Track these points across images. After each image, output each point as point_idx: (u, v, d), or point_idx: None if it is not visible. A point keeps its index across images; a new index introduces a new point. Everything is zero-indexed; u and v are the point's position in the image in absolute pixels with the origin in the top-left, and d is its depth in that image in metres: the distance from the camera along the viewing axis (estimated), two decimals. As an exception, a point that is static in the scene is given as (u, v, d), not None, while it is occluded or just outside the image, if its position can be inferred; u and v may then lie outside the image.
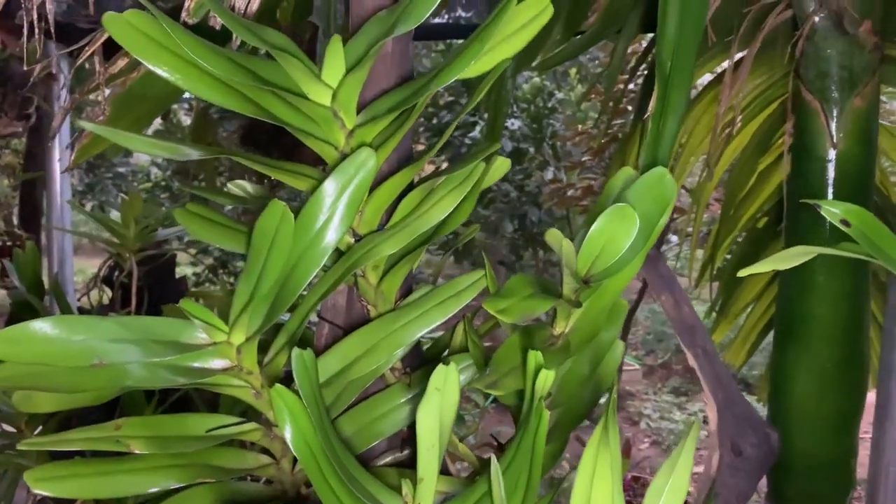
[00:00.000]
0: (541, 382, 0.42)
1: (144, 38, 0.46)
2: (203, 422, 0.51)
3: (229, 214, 0.64)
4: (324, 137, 0.48)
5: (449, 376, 0.41)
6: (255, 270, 0.46)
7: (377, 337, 0.53)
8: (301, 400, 0.42)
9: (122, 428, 0.48)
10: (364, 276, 0.54)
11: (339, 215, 0.46)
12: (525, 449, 0.42)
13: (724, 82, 1.14)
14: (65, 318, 0.45)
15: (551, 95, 3.99)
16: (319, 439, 0.43)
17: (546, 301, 0.52)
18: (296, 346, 0.44)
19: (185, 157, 0.47)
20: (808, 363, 1.02)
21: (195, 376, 0.48)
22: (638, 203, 0.58)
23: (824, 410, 1.02)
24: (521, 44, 0.48)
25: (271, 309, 0.47)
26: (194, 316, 0.47)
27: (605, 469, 0.42)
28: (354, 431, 0.55)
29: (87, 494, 0.46)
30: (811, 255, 0.56)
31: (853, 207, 0.49)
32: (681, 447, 0.45)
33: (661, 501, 0.44)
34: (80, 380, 0.46)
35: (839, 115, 0.96)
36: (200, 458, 0.51)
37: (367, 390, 0.57)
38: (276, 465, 0.54)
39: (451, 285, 0.54)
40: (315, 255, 0.46)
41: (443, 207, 0.49)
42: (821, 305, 1.01)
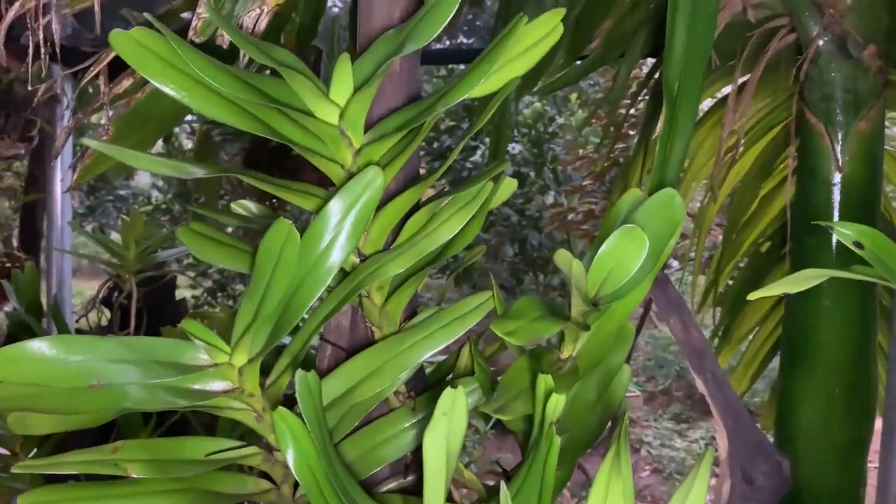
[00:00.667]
0: (551, 407, 0.41)
1: (151, 55, 0.45)
2: (202, 445, 0.49)
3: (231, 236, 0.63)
4: (331, 156, 0.48)
5: (457, 400, 0.40)
6: (259, 290, 0.45)
7: (382, 359, 0.52)
8: (304, 423, 0.41)
9: (120, 451, 0.46)
10: (369, 297, 0.53)
11: (345, 235, 0.45)
12: (535, 476, 0.41)
13: (728, 106, 1.14)
14: (63, 338, 0.44)
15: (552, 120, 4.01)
16: (323, 464, 0.42)
17: (555, 323, 0.51)
18: (299, 368, 0.43)
19: (189, 174, 0.46)
20: (815, 389, 1.01)
21: (196, 398, 0.47)
22: (647, 224, 0.57)
23: (832, 437, 1.01)
24: (530, 63, 0.48)
25: (274, 330, 0.46)
26: (196, 336, 0.46)
27: (617, 498, 0.40)
28: (357, 456, 0.54)
29: (82, 520, 0.45)
30: (823, 277, 0.56)
31: (866, 229, 0.49)
32: (694, 474, 0.44)
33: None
34: (77, 401, 0.45)
35: (844, 138, 0.96)
36: (199, 483, 0.49)
37: (371, 414, 0.56)
38: (277, 490, 0.53)
39: (456, 307, 0.53)
40: (320, 275, 0.45)
41: (450, 227, 0.48)
42: (828, 331, 1.00)
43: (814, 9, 0.96)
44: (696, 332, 0.61)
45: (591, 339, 0.61)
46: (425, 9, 0.45)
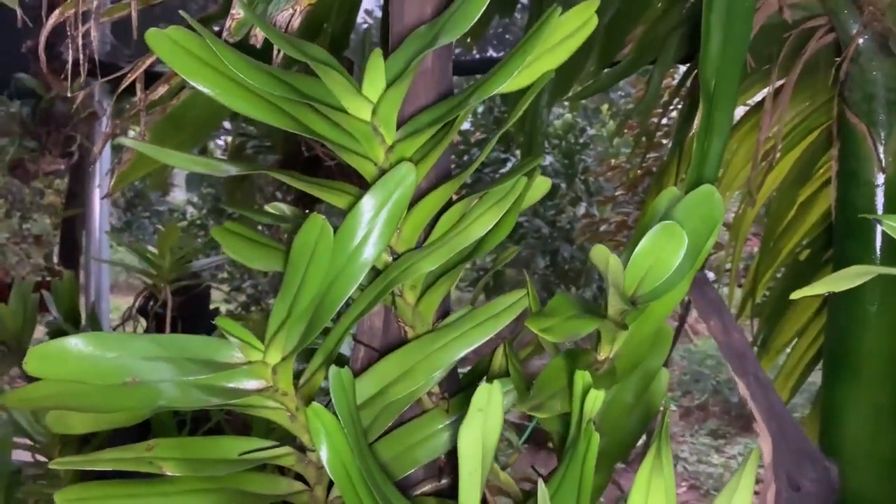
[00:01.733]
0: (590, 403, 0.40)
1: (187, 54, 0.45)
2: (236, 445, 0.49)
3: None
4: (363, 153, 0.47)
5: (493, 396, 0.39)
6: (293, 287, 0.45)
7: (415, 359, 0.51)
8: (338, 420, 0.41)
9: (154, 449, 0.46)
10: (402, 296, 0.52)
11: (378, 231, 0.45)
12: (573, 475, 0.40)
13: (765, 109, 1.12)
14: (99, 335, 0.44)
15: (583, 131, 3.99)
16: (357, 461, 0.41)
17: (591, 321, 0.50)
18: (332, 365, 0.43)
19: (224, 172, 0.46)
20: (861, 399, 0.97)
21: (229, 396, 0.47)
22: (685, 221, 0.56)
23: (880, 449, 0.97)
24: (564, 55, 0.47)
25: (308, 327, 0.45)
26: (230, 333, 0.45)
27: (659, 496, 0.39)
28: (392, 458, 0.53)
29: (117, 517, 0.45)
30: (869, 275, 0.54)
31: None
32: (740, 473, 0.42)
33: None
34: (113, 399, 0.45)
35: (887, 139, 0.93)
36: (233, 483, 0.49)
37: (404, 415, 0.55)
38: (310, 492, 0.52)
39: (489, 307, 0.52)
40: (353, 272, 0.45)
41: (483, 223, 0.48)
42: (873, 337, 0.96)
43: (853, 7, 0.94)
44: (737, 334, 0.59)
45: (628, 340, 0.59)
46: (456, 4, 0.45)
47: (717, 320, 0.60)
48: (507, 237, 0.53)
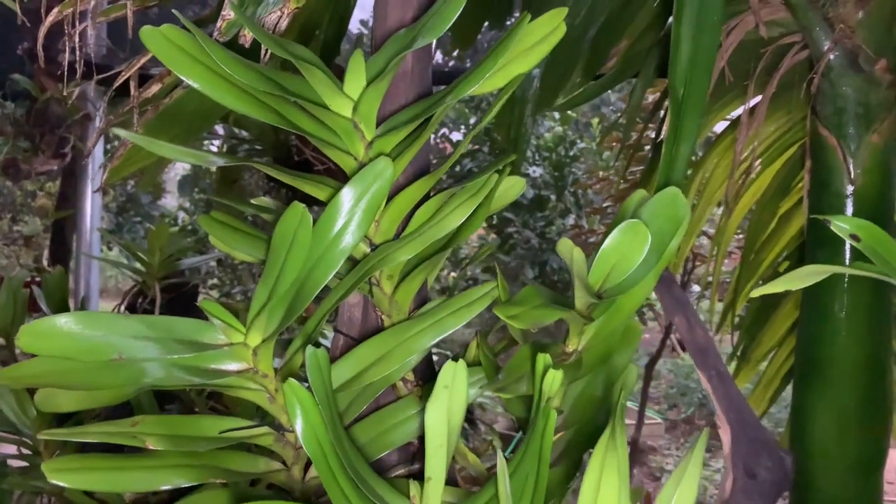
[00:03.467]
0: (548, 382, 0.42)
1: (178, 51, 0.48)
2: (217, 424, 0.51)
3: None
4: (344, 148, 0.50)
5: (458, 374, 0.42)
6: (274, 272, 0.47)
7: (390, 345, 0.53)
8: (313, 396, 0.43)
9: (139, 425, 0.49)
10: (379, 286, 0.55)
11: (357, 221, 0.48)
12: (533, 451, 0.43)
13: (741, 122, 1.16)
14: (89, 314, 0.47)
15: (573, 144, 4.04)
16: (331, 437, 0.43)
17: (557, 311, 0.52)
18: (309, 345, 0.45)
19: (210, 163, 0.49)
20: (829, 403, 1.00)
21: (211, 377, 0.49)
22: (651, 221, 0.59)
23: (847, 452, 1.00)
24: (535, 60, 0.50)
25: (288, 311, 0.48)
26: (213, 315, 0.48)
27: (612, 474, 0.42)
28: (367, 441, 0.56)
29: (100, 487, 0.47)
30: (824, 274, 0.57)
31: (863, 223, 0.50)
32: (689, 455, 0.45)
33: (671, 509, 0.44)
34: (99, 376, 0.47)
35: (856, 151, 0.97)
36: (212, 460, 0.51)
37: (380, 402, 0.58)
38: (287, 471, 0.54)
39: (463, 296, 0.55)
40: (332, 259, 0.48)
41: (456, 216, 0.50)
42: (841, 342, 1.00)
43: (825, 24, 0.98)
44: (701, 331, 0.62)
45: (597, 334, 0.62)
46: (435, 7, 0.48)
47: (682, 317, 0.62)
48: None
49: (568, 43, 1.37)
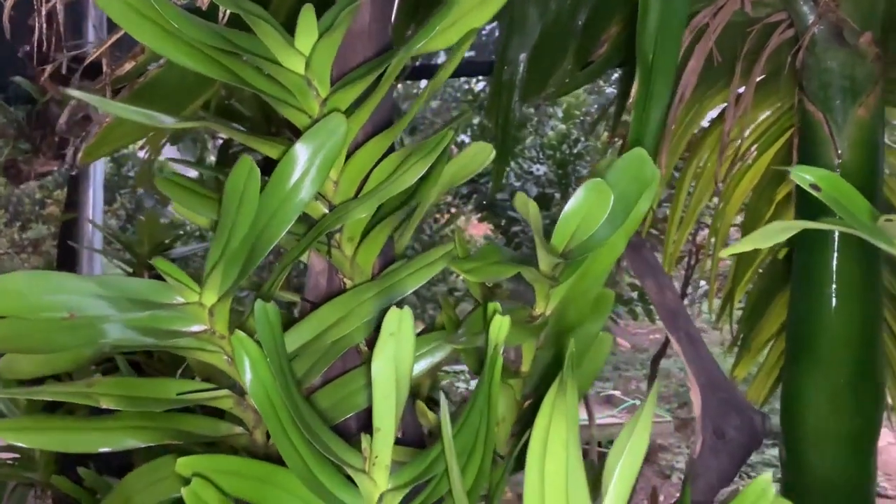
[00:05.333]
0: (495, 327, 0.42)
1: (135, 12, 0.48)
2: (174, 386, 0.51)
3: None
4: (298, 105, 0.50)
5: (403, 321, 0.42)
6: (226, 229, 0.47)
7: (350, 306, 0.53)
8: (262, 349, 0.43)
9: (94, 385, 0.49)
10: (339, 248, 0.54)
11: (311, 176, 0.47)
12: (481, 398, 0.42)
13: (729, 102, 1.15)
14: (42, 273, 0.47)
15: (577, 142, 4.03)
16: (280, 391, 0.43)
17: (516, 266, 0.52)
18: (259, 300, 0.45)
19: (160, 124, 0.49)
20: (820, 381, 0.99)
21: (169, 337, 0.49)
22: (616, 182, 0.58)
23: (838, 430, 0.99)
24: (487, 15, 0.50)
25: (243, 267, 0.48)
26: (167, 274, 0.48)
27: (560, 421, 0.41)
28: (330, 405, 0.55)
29: (54, 446, 0.47)
30: (793, 229, 0.56)
31: (824, 172, 0.49)
32: (641, 409, 0.44)
33: (621, 462, 0.43)
34: (56, 337, 0.47)
35: (842, 125, 0.96)
36: (171, 423, 0.51)
37: (347, 367, 0.57)
38: (249, 435, 0.54)
39: (423, 257, 0.54)
40: (287, 214, 0.47)
41: (413, 174, 0.50)
42: (831, 321, 0.98)
43: (808, -2, 0.97)
44: (671, 294, 0.61)
45: (566, 299, 0.62)
46: (385, -38, 0.48)
47: (653, 281, 0.62)
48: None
49: (557, 28, 1.37)
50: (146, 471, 0.51)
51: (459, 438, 0.43)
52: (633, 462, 0.44)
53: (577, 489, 0.41)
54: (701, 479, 0.53)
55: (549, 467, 0.41)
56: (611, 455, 0.44)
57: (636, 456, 0.44)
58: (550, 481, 0.41)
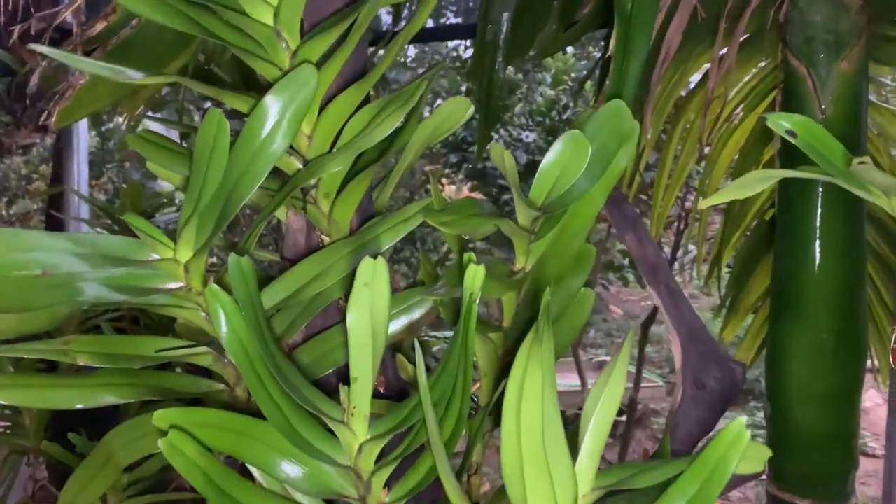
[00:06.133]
0: (470, 276, 0.42)
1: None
2: (153, 343, 0.51)
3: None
4: (268, 58, 0.49)
5: (377, 271, 0.41)
6: (198, 183, 0.47)
7: (328, 262, 0.53)
8: (236, 301, 0.43)
9: (71, 343, 0.48)
10: (316, 204, 0.54)
11: (283, 129, 0.47)
12: (459, 343, 0.42)
13: (713, 59, 1.14)
14: (14, 231, 0.46)
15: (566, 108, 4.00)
16: (256, 342, 0.43)
17: (493, 219, 0.52)
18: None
19: (127, 79, 0.48)
20: (804, 337, 1.00)
21: (145, 294, 0.49)
22: (595, 134, 0.58)
23: (822, 385, 1.00)
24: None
25: (217, 222, 0.47)
26: (139, 230, 0.47)
27: (536, 367, 0.41)
28: (311, 361, 0.55)
29: (33, 403, 0.47)
30: (771, 179, 0.56)
31: (800, 118, 0.49)
32: (616, 357, 0.44)
33: (597, 410, 0.44)
34: (31, 296, 0.47)
35: (826, 80, 0.95)
36: (151, 380, 0.51)
37: (326, 323, 0.57)
38: (231, 392, 0.54)
39: (401, 212, 0.54)
40: (259, 167, 0.47)
41: (386, 126, 0.49)
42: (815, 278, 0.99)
43: (792, -50, 0.96)
44: (651, 247, 0.61)
45: (546, 254, 0.61)
46: None
47: (633, 234, 0.62)
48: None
49: (541, -12, 1.35)
50: (127, 428, 0.51)
51: (437, 387, 0.43)
52: (608, 409, 0.44)
53: (554, 436, 0.42)
54: (680, 429, 0.54)
55: (526, 415, 0.41)
56: (587, 403, 0.45)
57: (611, 403, 0.44)
58: (527, 428, 0.41)
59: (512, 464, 0.41)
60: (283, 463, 0.45)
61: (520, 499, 0.42)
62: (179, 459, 0.41)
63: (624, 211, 0.62)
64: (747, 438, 0.41)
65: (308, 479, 0.44)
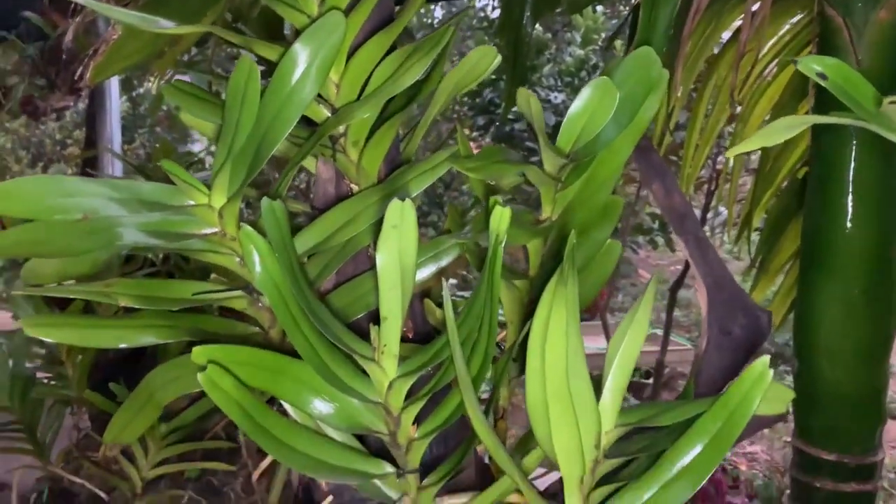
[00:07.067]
0: (496, 218, 0.42)
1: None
2: (190, 287, 0.53)
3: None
4: (296, 6, 0.50)
5: (405, 213, 0.42)
6: (230, 130, 0.48)
7: (357, 209, 0.54)
8: (269, 243, 0.44)
9: (113, 286, 0.50)
10: (344, 153, 0.55)
11: (312, 75, 0.48)
12: (483, 289, 0.43)
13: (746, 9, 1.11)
14: (55, 177, 0.48)
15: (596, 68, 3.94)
16: (289, 283, 0.44)
17: (519, 165, 0.52)
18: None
19: (158, 27, 0.49)
20: (834, 292, 0.99)
21: (180, 240, 0.50)
22: (623, 82, 0.58)
23: (851, 341, 0.99)
24: None
25: (249, 168, 0.48)
26: (175, 175, 0.49)
27: (560, 307, 0.42)
28: (342, 306, 0.57)
29: (76, 341, 0.49)
30: (802, 125, 0.55)
31: (832, 61, 0.48)
32: (639, 303, 0.45)
33: (621, 349, 0.45)
34: (72, 241, 0.48)
35: (863, 29, 0.93)
36: (189, 322, 0.53)
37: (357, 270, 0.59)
38: (265, 334, 0.56)
39: (428, 161, 0.55)
40: (289, 113, 0.48)
41: (414, 72, 0.50)
42: (847, 233, 0.98)
43: None
44: (679, 197, 0.61)
45: (572, 204, 0.62)
46: None
47: (660, 184, 0.62)
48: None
49: (570, -61, 1.32)
50: (166, 368, 0.53)
51: (464, 327, 0.44)
52: (631, 349, 0.45)
53: (578, 374, 0.43)
54: (704, 374, 0.54)
55: (550, 353, 0.42)
56: (611, 344, 0.46)
57: (635, 344, 0.45)
58: (551, 366, 0.42)
59: (537, 401, 0.42)
60: (315, 400, 0.46)
61: (545, 435, 0.43)
62: (217, 393, 0.43)
63: (651, 160, 0.62)
64: (770, 378, 0.42)
65: (340, 415, 0.46)
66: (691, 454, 0.42)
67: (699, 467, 0.42)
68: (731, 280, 0.59)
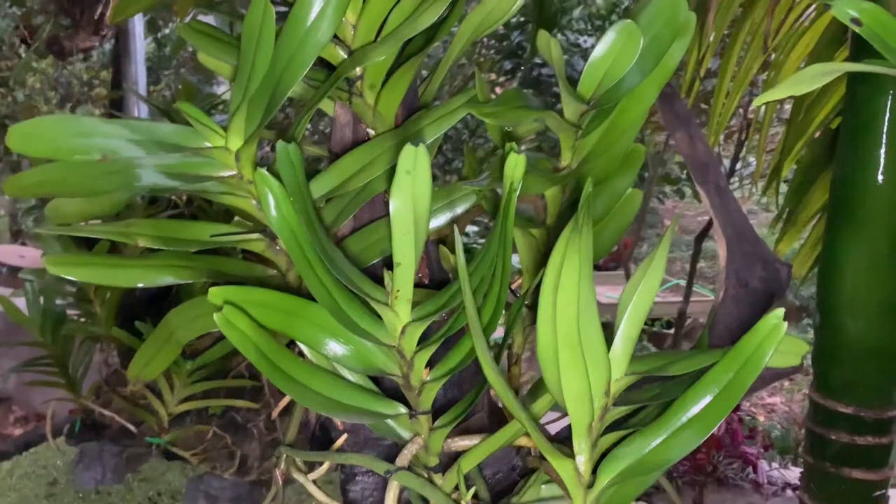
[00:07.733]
0: (511, 165, 0.42)
1: None
2: (207, 228, 0.53)
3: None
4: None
5: (419, 159, 0.42)
6: (245, 71, 0.48)
7: (374, 154, 0.54)
8: (284, 186, 0.44)
9: (133, 226, 0.51)
10: (361, 96, 0.54)
11: (328, 16, 0.47)
12: (497, 235, 0.43)
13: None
14: (74, 117, 0.48)
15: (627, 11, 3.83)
16: (304, 226, 0.45)
17: (538, 111, 0.51)
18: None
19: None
20: (860, 245, 0.97)
21: (198, 182, 0.51)
22: (648, 25, 0.56)
23: (876, 297, 0.98)
24: None
25: (265, 111, 0.48)
26: (192, 118, 0.49)
27: (574, 255, 0.42)
28: (358, 251, 0.57)
29: (99, 280, 0.50)
30: (834, 73, 0.53)
31: (867, 5, 0.46)
32: (657, 248, 0.45)
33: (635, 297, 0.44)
34: (93, 181, 0.49)
35: (906, -27, 0.88)
36: (208, 263, 0.54)
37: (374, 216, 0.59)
38: (283, 277, 0.57)
39: (445, 105, 0.54)
40: (305, 55, 0.47)
41: (432, 13, 0.49)
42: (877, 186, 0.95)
43: None
44: (702, 146, 0.60)
45: (593, 152, 0.61)
46: None
47: (684, 132, 0.60)
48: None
49: None
50: (185, 308, 0.55)
51: (476, 273, 0.44)
52: (645, 297, 0.45)
53: (589, 321, 0.43)
54: (720, 325, 0.54)
55: (561, 299, 0.42)
56: (625, 291, 0.45)
57: (649, 291, 0.45)
58: (562, 312, 0.42)
59: (547, 347, 0.43)
60: (330, 342, 0.47)
61: (554, 381, 0.44)
62: (234, 333, 0.43)
63: (676, 108, 0.61)
64: (784, 330, 0.42)
65: (354, 357, 0.47)
66: (701, 404, 0.42)
67: (709, 417, 0.42)
68: (752, 231, 0.58)
